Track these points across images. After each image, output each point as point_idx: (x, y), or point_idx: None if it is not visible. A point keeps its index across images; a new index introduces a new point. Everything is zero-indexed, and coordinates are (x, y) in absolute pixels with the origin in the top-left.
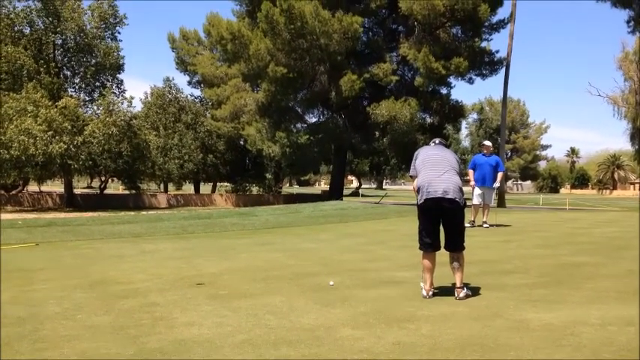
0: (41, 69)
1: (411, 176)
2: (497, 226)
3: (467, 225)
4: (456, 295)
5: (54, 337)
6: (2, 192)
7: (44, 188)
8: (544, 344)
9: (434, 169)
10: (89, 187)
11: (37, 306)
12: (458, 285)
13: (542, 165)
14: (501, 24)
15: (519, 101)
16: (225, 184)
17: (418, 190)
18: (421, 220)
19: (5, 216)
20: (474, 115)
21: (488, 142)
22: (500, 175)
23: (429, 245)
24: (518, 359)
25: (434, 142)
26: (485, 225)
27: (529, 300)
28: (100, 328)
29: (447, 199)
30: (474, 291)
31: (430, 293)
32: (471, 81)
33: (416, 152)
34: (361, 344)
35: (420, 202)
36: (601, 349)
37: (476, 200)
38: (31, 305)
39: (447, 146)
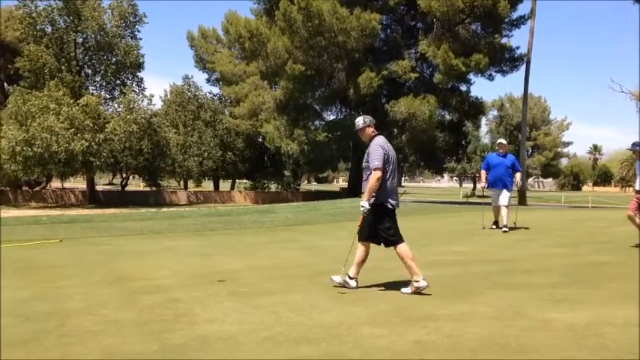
0: (63, 67)
1: (377, 168)
2: (516, 228)
3: (492, 227)
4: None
5: (79, 333)
6: (26, 188)
7: (67, 185)
8: (567, 344)
9: (394, 178)
10: (111, 183)
11: (62, 302)
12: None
13: (564, 162)
14: (521, 20)
15: (540, 98)
16: (244, 181)
17: (386, 192)
18: (389, 218)
19: (29, 212)
20: (494, 112)
21: (503, 141)
22: (519, 175)
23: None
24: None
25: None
26: (504, 229)
27: (551, 300)
28: (123, 324)
29: None
30: (497, 290)
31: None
32: (490, 77)
33: (384, 148)
34: (382, 343)
35: (392, 204)
36: (625, 349)
37: (494, 202)
38: (57, 301)
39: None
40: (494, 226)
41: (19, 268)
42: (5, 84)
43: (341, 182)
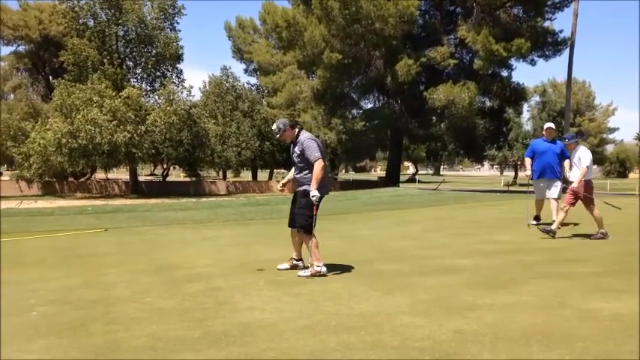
0: (105, 60)
1: (319, 159)
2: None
3: (532, 222)
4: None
5: (125, 320)
6: (72, 179)
7: (110, 176)
8: (613, 334)
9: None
10: (152, 174)
11: (108, 289)
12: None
13: (610, 149)
14: (565, 2)
15: (584, 82)
16: (282, 170)
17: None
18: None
19: (75, 202)
20: (537, 98)
21: (552, 125)
22: (567, 163)
23: None
24: (586, 349)
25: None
26: (554, 226)
27: (596, 289)
28: (167, 311)
29: None
30: (540, 279)
31: None
32: (533, 62)
33: (316, 140)
34: (422, 332)
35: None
36: None
37: (538, 194)
38: (102, 289)
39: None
40: (534, 222)
41: (66, 256)
42: (50, 77)
43: (379, 171)
